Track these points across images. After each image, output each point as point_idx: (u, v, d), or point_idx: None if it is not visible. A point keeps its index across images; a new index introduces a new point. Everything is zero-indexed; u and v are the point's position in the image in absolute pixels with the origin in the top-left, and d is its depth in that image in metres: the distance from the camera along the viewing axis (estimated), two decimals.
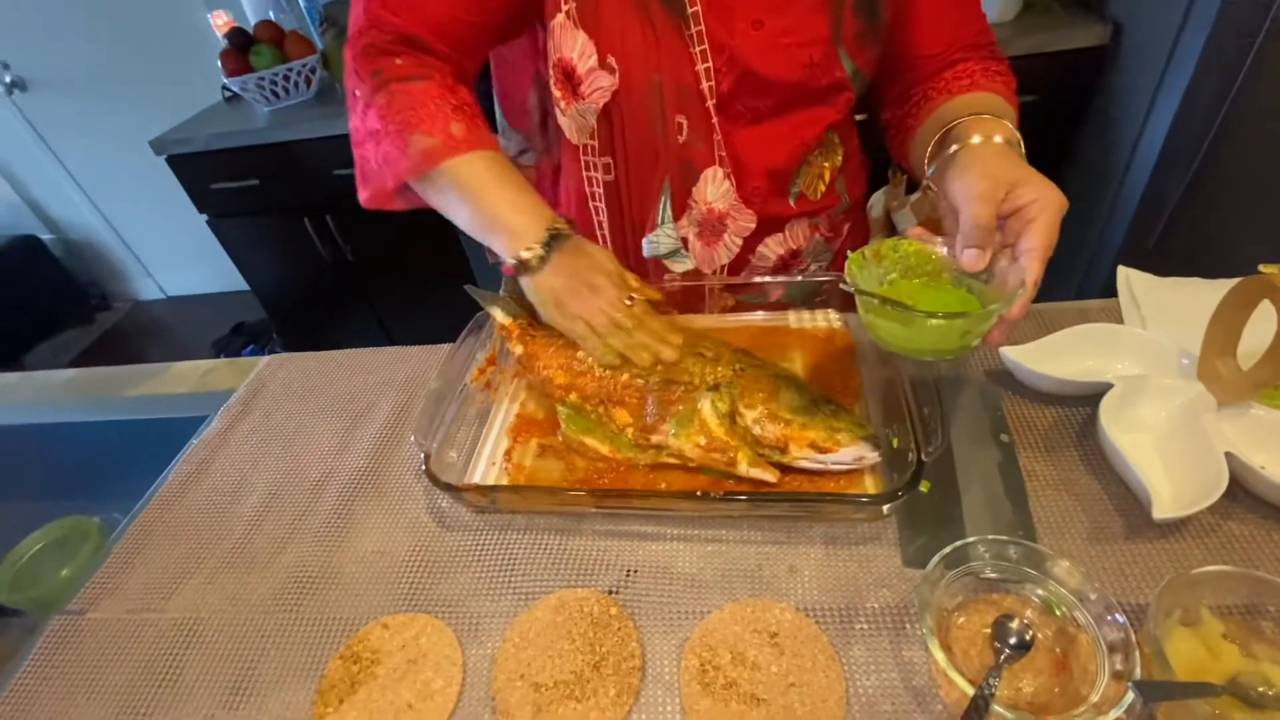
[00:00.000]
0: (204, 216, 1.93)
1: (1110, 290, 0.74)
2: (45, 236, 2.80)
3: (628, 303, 0.62)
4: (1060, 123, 1.56)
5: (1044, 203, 0.51)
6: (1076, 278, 1.64)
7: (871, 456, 0.54)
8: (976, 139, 0.58)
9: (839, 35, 0.64)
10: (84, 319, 2.95)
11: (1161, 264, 0.73)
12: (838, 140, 0.74)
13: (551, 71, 0.67)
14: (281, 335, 2.50)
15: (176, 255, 2.89)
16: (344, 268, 1.99)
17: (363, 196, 0.69)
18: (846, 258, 0.56)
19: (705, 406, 0.56)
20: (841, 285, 0.54)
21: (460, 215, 0.64)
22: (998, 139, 0.57)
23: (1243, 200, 1.33)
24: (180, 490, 0.69)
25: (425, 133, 0.61)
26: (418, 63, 0.64)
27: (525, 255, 0.61)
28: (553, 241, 0.61)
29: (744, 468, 0.54)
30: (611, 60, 0.64)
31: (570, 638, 0.49)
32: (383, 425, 0.72)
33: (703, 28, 0.62)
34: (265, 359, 0.87)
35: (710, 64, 0.63)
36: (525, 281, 0.63)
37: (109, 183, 2.65)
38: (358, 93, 0.65)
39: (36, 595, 0.70)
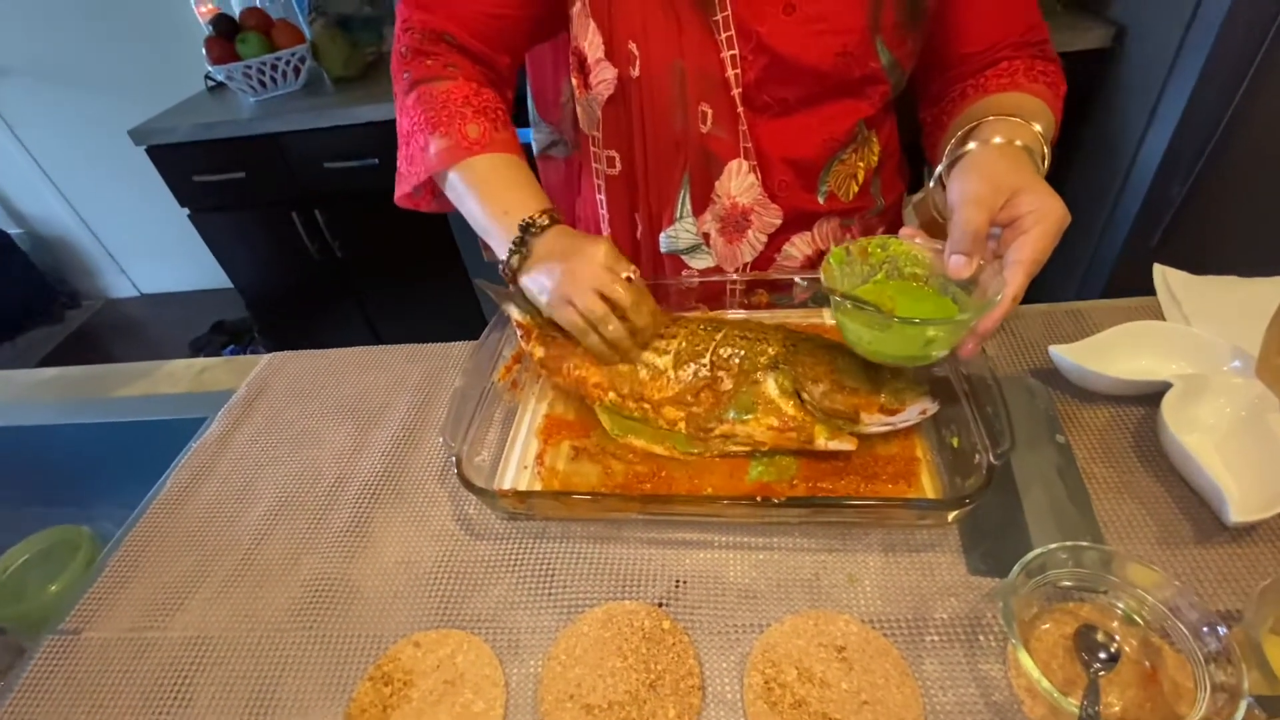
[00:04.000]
0: (185, 210, 1.86)
1: (1111, 291, 0.73)
2: (12, 231, 2.67)
3: (626, 279, 0.57)
4: (1063, 124, 1.56)
5: (1041, 214, 0.48)
6: (1077, 278, 1.65)
7: (932, 407, 0.54)
8: (998, 140, 0.55)
9: (877, 24, 0.60)
10: (52, 318, 2.83)
11: (1165, 263, 0.73)
12: (875, 139, 0.71)
13: (571, 59, 0.67)
14: (264, 334, 2.42)
15: (152, 251, 2.78)
16: (332, 264, 1.93)
17: (396, 195, 0.69)
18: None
19: (771, 387, 0.54)
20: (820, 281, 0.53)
21: (467, 216, 0.64)
22: (1018, 143, 0.55)
23: (1245, 204, 1.34)
24: (180, 498, 0.65)
25: (444, 134, 0.61)
26: (446, 63, 0.64)
27: (505, 259, 0.59)
28: (526, 236, 0.58)
29: (822, 442, 0.53)
30: (633, 47, 0.62)
31: (621, 654, 0.46)
32: (400, 426, 0.68)
33: (729, 13, 0.59)
34: (266, 357, 0.82)
35: (736, 51, 0.61)
36: (520, 283, 0.61)
37: (82, 175, 2.54)
38: (397, 96, 0.66)
39: (22, 611, 0.65)
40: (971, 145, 0.56)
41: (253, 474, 0.66)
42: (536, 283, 0.59)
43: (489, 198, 0.61)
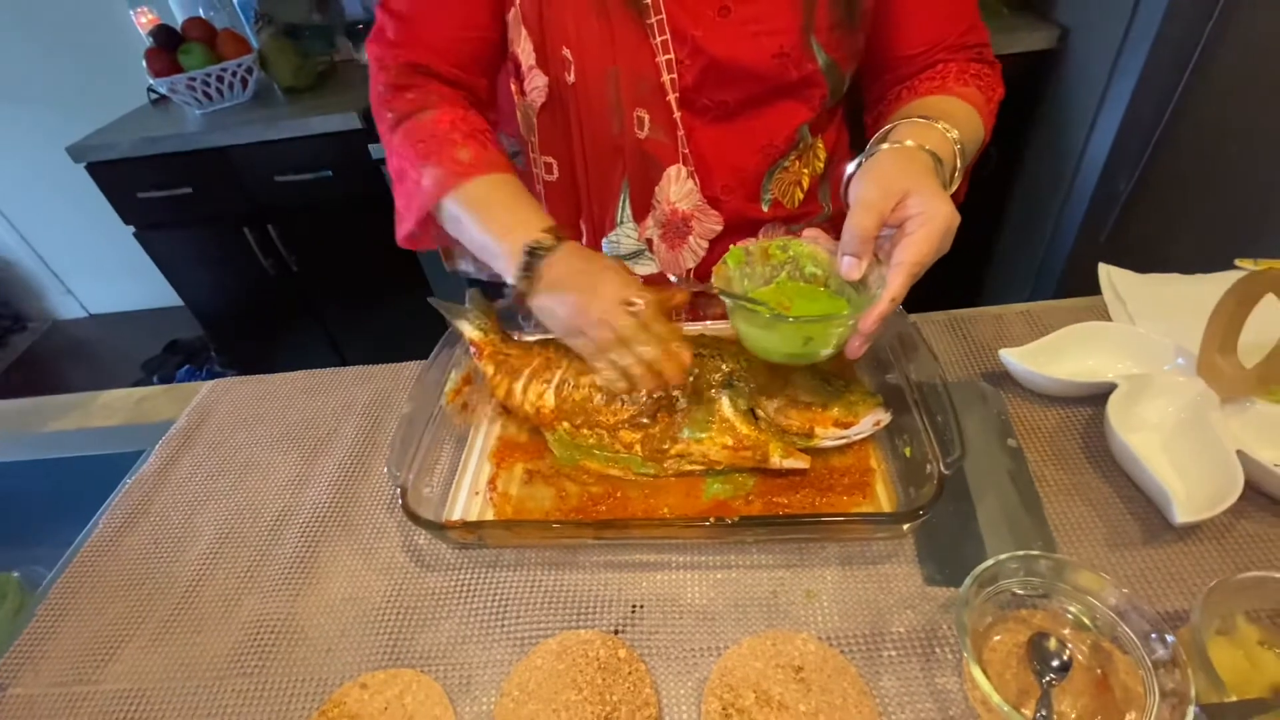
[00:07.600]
0: (130, 228, 1.79)
1: (1064, 289, 0.74)
2: None
3: (630, 307, 0.52)
4: (1009, 124, 1.59)
5: (926, 217, 0.48)
6: (1030, 278, 1.68)
7: (885, 417, 0.54)
8: (909, 143, 0.54)
9: (811, 24, 0.60)
10: None
11: (1114, 260, 0.74)
12: (819, 145, 0.71)
13: (509, 65, 0.67)
14: (220, 354, 2.35)
15: (100, 270, 2.67)
16: (288, 279, 1.87)
17: (398, 236, 0.67)
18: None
19: (725, 406, 0.53)
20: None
21: (469, 243, 0.61)
22: (926, 147, 0.54)
23: (1190, 199, 1.38)
24: (115, 538, 0.61)
25: (436, 163, 0.60)
26: (425, 93, 0.63)
27: (513, 281, 0.56)
28: (532, 260, 0.54)
29: (777, 460, 0.53)
30: (567, 53, 0.62)
31: (577, 687, 0.45)
32: (347, 454, 0.66)
33: (663, 16, 0.59)
34: (208, 384, 0.79)
35: (672, 55, 0.61)
36: (532, 306, 0.57)
37: (21, 193, 2.43)
38: (383, 136, 0.65)
39: None
40: (880, 148, 0.56)
41: (192, 510, 0.63)
42: (546, 309, 0.55)
43: (489, 219, 0.58)
